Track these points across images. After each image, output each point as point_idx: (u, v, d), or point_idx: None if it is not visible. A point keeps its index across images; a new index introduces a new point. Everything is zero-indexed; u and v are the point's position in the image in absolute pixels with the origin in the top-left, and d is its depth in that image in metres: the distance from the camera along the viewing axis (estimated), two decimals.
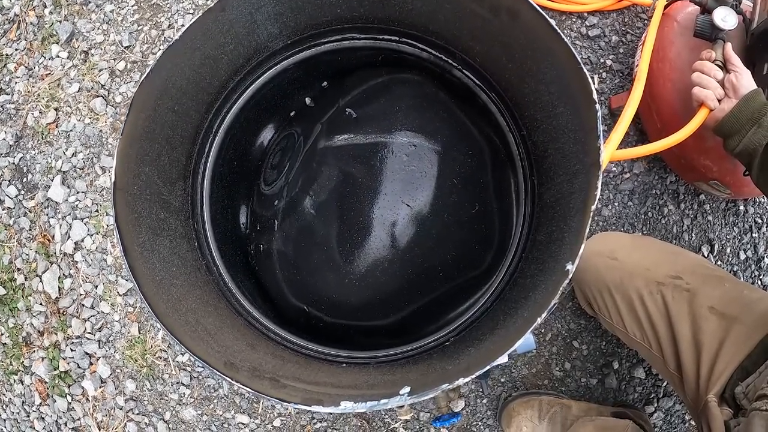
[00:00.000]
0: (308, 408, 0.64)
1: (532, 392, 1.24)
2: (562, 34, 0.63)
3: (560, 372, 1.27)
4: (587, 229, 0.63)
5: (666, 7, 1.18)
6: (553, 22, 0.64)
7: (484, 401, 1.27)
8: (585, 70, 0.62)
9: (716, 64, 0.98)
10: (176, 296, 0.76)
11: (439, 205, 0.79)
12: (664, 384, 1.26)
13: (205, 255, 0.90)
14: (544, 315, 0.62)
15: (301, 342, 0.88)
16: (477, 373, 0.63)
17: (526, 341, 1.11)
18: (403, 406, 1.17)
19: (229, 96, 0.92)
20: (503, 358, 1.05)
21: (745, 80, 0.95)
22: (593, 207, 0.62)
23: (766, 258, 1.31)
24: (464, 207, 0.82)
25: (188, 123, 0.87)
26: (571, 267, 0.62)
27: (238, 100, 0.93)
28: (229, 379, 0.65)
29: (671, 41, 1.14)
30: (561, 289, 0.62)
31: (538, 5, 0.69)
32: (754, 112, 0.91)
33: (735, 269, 1.30)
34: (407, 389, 0.64)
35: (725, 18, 1.00)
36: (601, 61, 1.35)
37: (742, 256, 1.30)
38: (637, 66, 1.16)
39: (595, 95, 0.61)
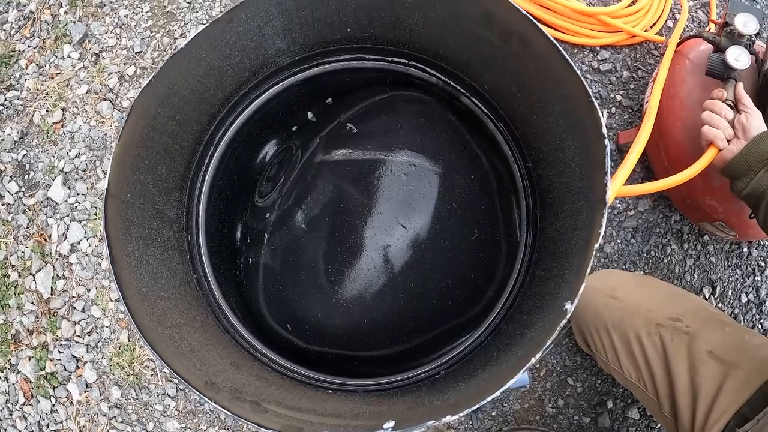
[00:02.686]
0: None
1: (523, 427, 1.20)
2: (573, 64, 0.61)
3: (553, 409, 1.22)
4: (588, 268, 0.59)
5: (679, 44, 1.16)
6: (564, 52, 0.62)
7: None
8: (596, 104, 0.59)
9: (727, 104, 0.96)
10: (162, 309, 0.72)
11: (436, 228, 0.76)
12: (658, 426, 1.22)
13: (196, 268, 0.87)
14: (539, 355, 0.58)
15: (287, 364, 0.84)
16: (466, 411, 0.59)
17: (520, 377, 1.08)
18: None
19: (232, 109, 0.90)
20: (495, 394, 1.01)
21: (755, 121, 0.92)
22: (596, 245, 0.59)
23: None
24: (463, 233, 0.79)
25: (189, 133, 0.84)
26: (570, 306, 0.59)
27: (241, 114, 0.91)
28: (209, 400, 0.62)
29: (683, 79, 1.12)
30: (558, 328, 0.59)
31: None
32: (764, 155, 0.88)
33: (736, 312, 1.26)
34: (392, 423, 0.60)
35: (738, 57, 0.98)
36: (611, 96, 1.33)
37: (744, 299, 1.26)
38: (647, 102, 1.14)
39: (604, 130, 0.58)
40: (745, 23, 1.01)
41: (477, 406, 0.60)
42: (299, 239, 0.79)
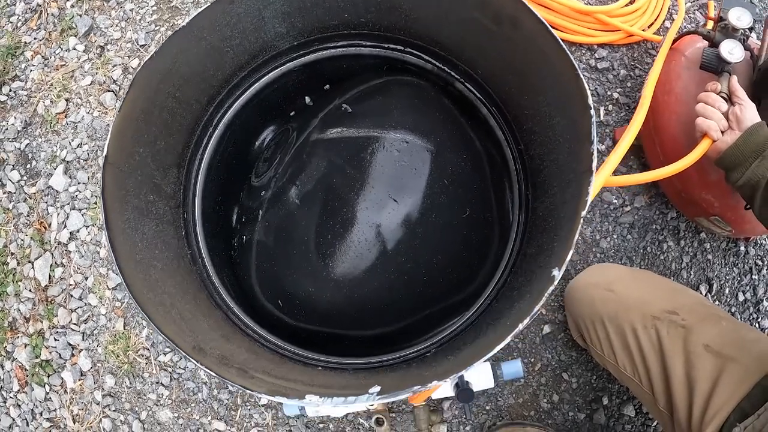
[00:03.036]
0: (272, 398, 0.61)
1: (517, 422, 1.19)
2: (560, 41, 0.63)
3: (548, 404, 1.22)
4: (576, 236, 0.60)
5: (675, 41, 1.18)
6: (552, 30, 0.64)
7: (467, 428, 1.22)
8: (582, 77, 0.61)
9: (721, 96, 0.97)
10: (155, 278, 0.74)
11: (427, 204, 0.77)
12: (654, 424, 1.21)
13: (191, 245, 0.88)
14: (526, 321, 0.59)
15: (278, 341, 0.85)
16: (452, 377, 0.60)
17: (514, 368, 1.09)
18: (383, 424, 1.12)
19: (232, 91, 0.92)
20: (487, 381, 1.01)
21: (749, 113, 0.93)
22: (584, 213, 0.60)
23: (765, 301, 1.27)
24: (454, 210, 0.80)
25: (188, 112, 0.86)
26: (557, 273, 0.60)
27: (240, 97, 0.93)
28: (195, 362, 0.63)
29: (678, 74, 1.14)
30: (546, 296, 0.59)
31: None
32: (758, 145, 0.89)
33: (733, 311, 1.26)
34: (377, 388, 0.61)
35: (732, 51, 1.00)
36: (608, 93, 1.35)
37: (741, 298, 1.26)
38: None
39: (590, 101, 0.59)
40: (739, 17, 1.03)
41: (463, 372, 0.61)
42: (292, 214, 0.80)
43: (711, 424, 0.77)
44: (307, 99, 0.97)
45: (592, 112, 0.60)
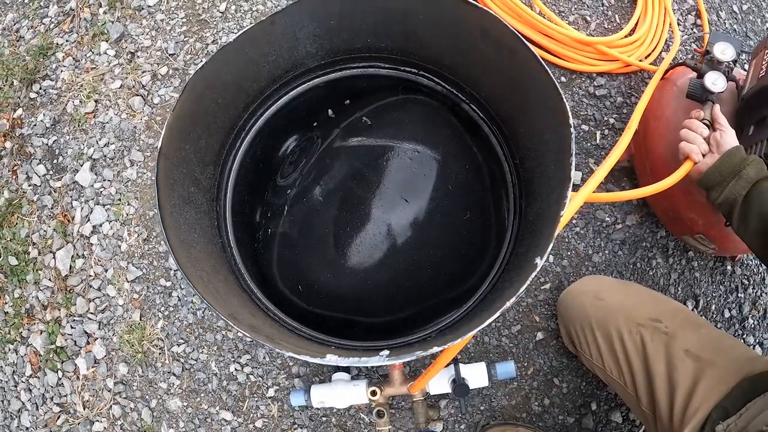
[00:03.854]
0: (298, 357, 0.79)
1: (509, 423, 1.36)
2: (547, 68, 0.83)
3: (539, 407, 1.39)
4: (556, 232, 0.79)
5: (668, 71, 1.38)
6: (540, 58, 0.84)
7: (462, 426, 1.38)
8: (564, 98, 0.80)
9: (704, 123, 1.16)
10: (195, 256, 0.92)
11: (433, 205, 0.97)
12: (641, 430, 1.37)
13: (222, 234, 1.07)
14: (513, 299, 0.77)
15: (295, 324, 1.03)
16: (450, 344, 0.78)
17: (507, 368, 1.26)
18: (383, 416, 1.29)
19: (264, 101, 1.12)
20: (482, 379, 1.18)
21: (728, 138, 1.11)
22: (562, 213, 0.79)
23: (750, 318, 1.44)
24: (456, 212, 0.99)
25: (226, 116, 1.06)
26: (539, 261, 0.78)
27: (272, 106, 1.13)
28: (233, 324, 0.80)
29: (669, 102, 1.33)
30: (529, 280, 0.78)
31: (546, 60, 0.88)
32: (735, 166, 1.05)
33: (719, 326, 1.44)
34: (386, 352, 0.79)
35: (715, 81, 1.19)
36: (605, 119, 1.55)
37: (727, 314, 1.44)
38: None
39: (570, 120, 0.79)
40: (723, 51, 1.23)
41: (460, 340, 0.79)
42: (316, 209, 1.00)
43: (692, 420, 0.91)
44: (330, 111, 1.17)
45: (572, 129, 0.79)
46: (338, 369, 1.34)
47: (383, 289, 1.00)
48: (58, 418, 1.48)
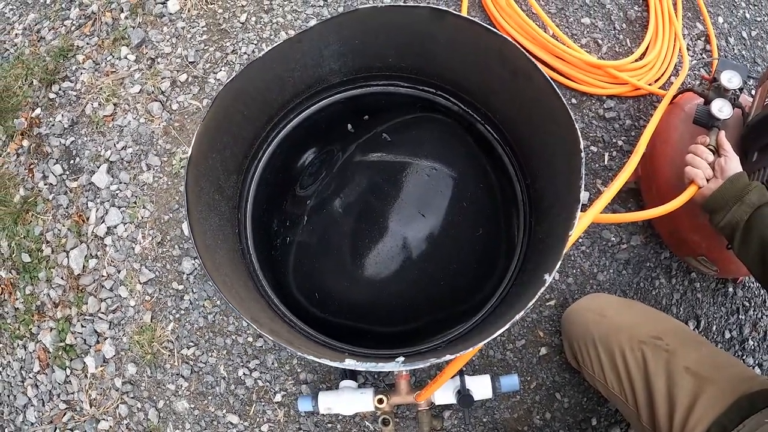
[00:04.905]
0: (318, 360, 0.85)
1: None
2: (561, 96, 0.91)
3: (540, 421, 1.46)
4: (564, 250, 0.87)
5: (676, 96, 1.46)
6: (555, 86, 0.92)
7: None
8: (576, 125, 0.88)
9: (709, 148, 1.23)
10: (218, 261, 1.00)
11: (448, 220, 1.05)
12: None
13: (242, 242, 1.15)
14: (522, 313, 0.85)
15: (311, 331, 1.11)
16: (463, 352, 0.85)
17: (511, 381, 1.33)
18: (388, 424, 1.35)
19: (287, 114, 1.20)
20: (486, 391, 1.25)
21: (732, 164, 1.18)
22: (571, 233, 0.86)
23: (750, 340, 1.52)
24: (470, 228, 1.07)
25: (251, 127, 1.14)
26: (548, 277, 0.86)
27: (294, 119, 1.21)
28: (256, 327, 0.87)
29: (676, 127, 1.41)
30: (538, 294, 0.85)
31: (558, 81, 0.96)
32: (738, 191, 1.12)
33: (719, 347, 1.51)
34: (402, 358, 0.86)
35: (721, 108, 1.27)
36: (613, 141, 1.63)
37: (727, 335, 1.51)
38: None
39: (581, 146, 0.87)
40: (730, 79, 1.31)
41: (471, 349, 0.86)
42: (335, 220, 1.07)
43: None
44: (349, 126, 1.25)
45: (582, 154, 0.87)
46: (345, 376, 1.41)
47: (397, 299, 1.07)
48: (64, 415, 1.55)
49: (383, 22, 1.06)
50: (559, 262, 0.86)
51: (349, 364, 0.85)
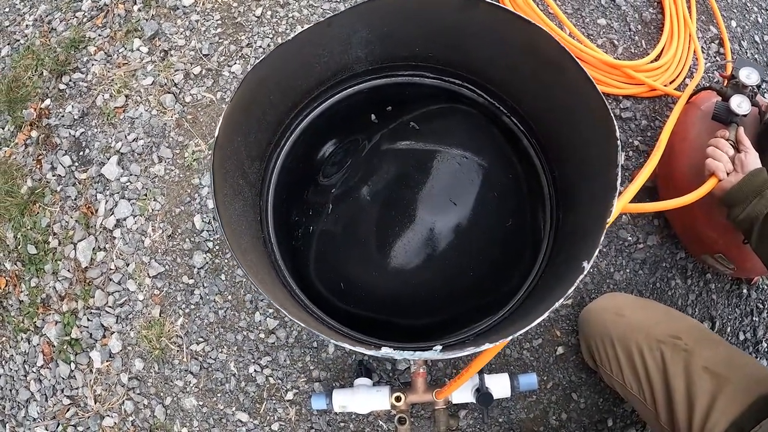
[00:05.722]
0: (354, 348, 0.83)
1: None
2: (597, 87, 0.89)
3: (556, 421, 1.43)
4: (602, 237, 0.85)
5: (692, 95, 1.47)
6: (590, 76, 0.90)
7: None
8: (613, 117, 0.87)
9: (729, 143, 1.24)
10: (244, 247, 0.97)
11: (479, 210, 1.03)
12: None
13: (263, 229, 1.12)
14: (561, 300, 0.82)
15: (332, 321, 1.08)
16: (499, 342, 0.83)
17: (530, 380, 1.31)
18: (404, 423, 1.32)
19: (311, 102, 1.18)
20: (505, 390, 1.23)
21: (752, 159, 1.19)
22: (609, 220, 0.85)
23: (764, 341, 1.51)
24: (500, 219, 1.05)
25: (275, 113, 1.12)
26: (586, 264, 0.84)
27: (318, 107, 1.19)
28: (286, 313, 0.85)
29: (693, 124, 1.41)
30: (577, 281, 0.83)
31: None
32: (758, 186, 1.13)
33: None
34: (439, 347, 0.84)
35: (740, 104, 1.27)
36: (630, 140, 1.63)
37: (741, 337, 1.50)
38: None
39: (617, 132, 0.85)
40: (748, 75, 1.31)
41: (514, 336, 0.83)
42: (362, 208, 1.05)
43: None
44: (373, 116, 1.23)
45: (619, 142, 0.85)
46: (360, 374, 1.38)
47: (423, 290, 1.05)
48: (68, 410, 1.50)
49: (414, 8, 1.04)
50: (597, 250, 0.84)
51: (386, 352, 0.83)
